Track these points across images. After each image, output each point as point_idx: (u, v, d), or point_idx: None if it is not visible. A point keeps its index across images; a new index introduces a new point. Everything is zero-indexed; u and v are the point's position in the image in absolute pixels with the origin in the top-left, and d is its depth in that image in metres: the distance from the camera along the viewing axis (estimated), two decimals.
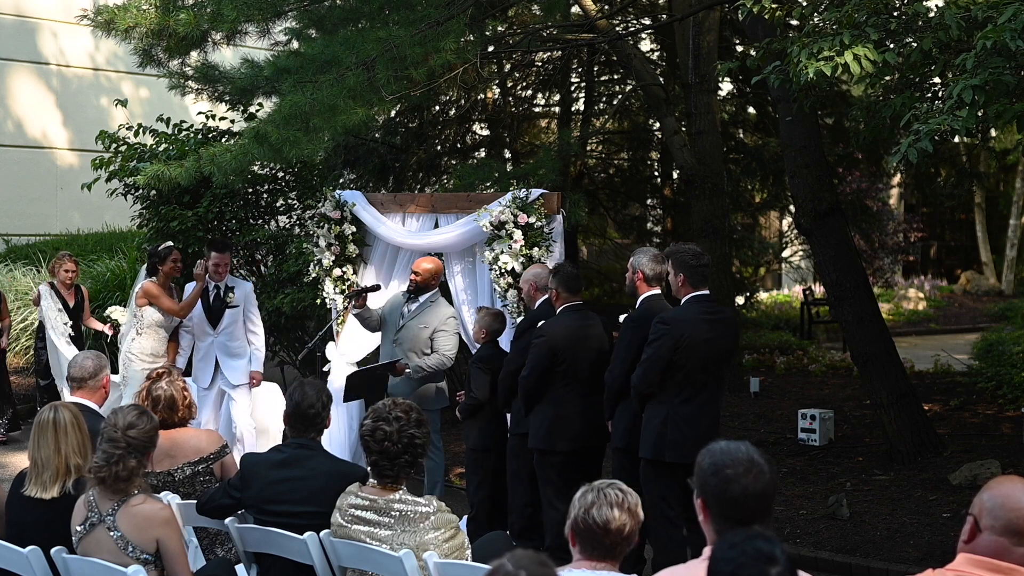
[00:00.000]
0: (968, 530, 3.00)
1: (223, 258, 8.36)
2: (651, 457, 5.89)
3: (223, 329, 8.37)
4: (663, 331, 5.83)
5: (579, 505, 3.28)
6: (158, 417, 5.15)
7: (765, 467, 2.99)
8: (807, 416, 9.80)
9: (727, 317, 6.30)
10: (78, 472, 4.59)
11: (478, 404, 7.06)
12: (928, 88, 6.87)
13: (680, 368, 5.82)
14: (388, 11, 8.37)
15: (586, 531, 3.26)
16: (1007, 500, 2.96)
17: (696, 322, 5.85)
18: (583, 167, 15.11)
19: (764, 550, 2.52)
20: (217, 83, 9.85)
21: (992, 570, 2.92)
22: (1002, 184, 24.79)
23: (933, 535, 7.15)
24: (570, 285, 6.55)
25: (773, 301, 20.59)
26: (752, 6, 6.53)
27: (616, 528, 3.25)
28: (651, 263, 6.23)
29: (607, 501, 3.27)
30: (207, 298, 8.36)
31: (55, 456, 4.57)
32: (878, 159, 14.33)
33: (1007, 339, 12.78)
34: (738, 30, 12.82)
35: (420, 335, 7.63)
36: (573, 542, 3.30)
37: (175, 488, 5.21)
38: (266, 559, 4.76)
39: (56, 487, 4.57)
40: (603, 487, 3.31)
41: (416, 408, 4.44)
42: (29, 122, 16.01)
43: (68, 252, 10.54)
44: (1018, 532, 2.93)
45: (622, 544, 3.28)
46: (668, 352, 5.80)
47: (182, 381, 5.45)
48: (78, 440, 4.62)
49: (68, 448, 4.58)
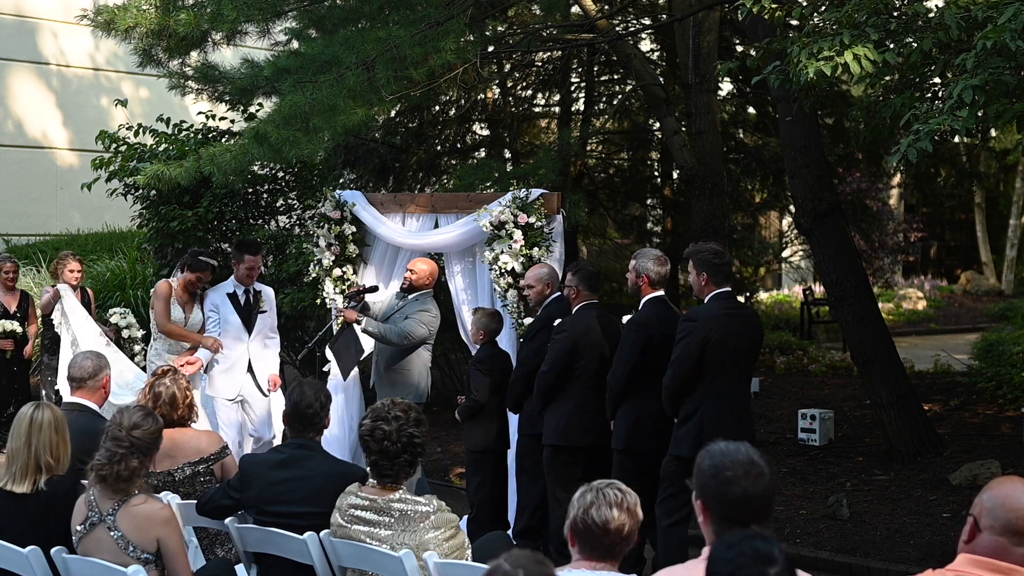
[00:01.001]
0: (968, 530, 3.00)
1: (256, 260, 8.06)
2: (689, 455, 5.88)
3: (255, 335, 8.10)
4: (690, 328, 5.86)
5: (578, 505, 3.27)
6: (159, 413, 5.17)
7: (765, 468, 2.99)
8: (807, 416, 9.80)
9: (750, 312, 6.38)
10: (49, 471, 4.59)
11: (478, 406, 7.07)
12: (928, 88, 6.86)
13: (709, 365, 5.84)
14: (388, 11, 8.37)
15: (585, 531, 3.25)
16: (1007, 500, 2.96)
17: (721, 318, 5.88)
18: (583, 167, 15.10)
19: (762, 550, 2.52)
20: (217, 83, 9.85)
21: (992, 570, 2.92)
22: (1002, 184, 24.79)
23: (933, 535, 7.15)
24: (591, 283, 6.63)
25: (773, 301, 20.59)
26: (752, 6, 6.53)
27: (615, 528, 3.24)
28: (655, 266, 6.25)
29: (606, 501, 3.26)
30: (237, 302, 8.04)
31: (24, 450, 4.58)
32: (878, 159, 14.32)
33: (1007, 339, 12.78)
34: (738, 30, 12.82)
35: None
36: (572, 542, 3.29)
37: (175, 488, 5.22)
38: (266, 559, 4.76)
39: (27, 482, 4.58)
40: (602, 487, 3.30)
41: (415, 407, 4.45)
42: (29, 122, 16.00)
43: (71, 251, 10.04)
44: (1018, 532, 2.93)
45: (621, 544, 3.27)
46: (697, 349, 5.82)
47: (186, 380, 5.47)
48: (53, 440, 4.62)
49: (39, 444, 4.58)
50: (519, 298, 7.31)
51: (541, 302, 6.94)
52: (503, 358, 7.16)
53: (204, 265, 7.98)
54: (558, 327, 6.54)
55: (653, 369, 6.04)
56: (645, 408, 6.19)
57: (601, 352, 6.46)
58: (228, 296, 8.05)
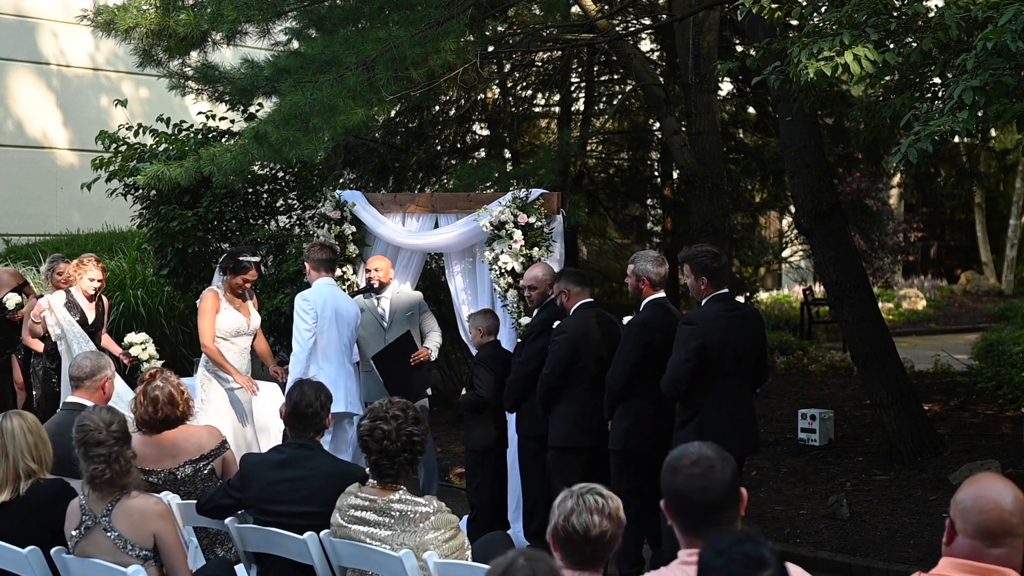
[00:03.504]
0: (947, 533, 2.99)
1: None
2: None
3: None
4: (690, 331, 5.85)
5: (559, 512, 3.17)
6: (161, 415, 5.19)
7: (717, 462, 3.00)
8: (807, 416, 9.80)
9: (750, 311, 6.37)
10: (30, 476, 4.59)
11: (482, 401, 7.07)
12: (928, 88, 6.87)
13: (709, 368, 5.83)
14: (388, 11, 8.37)
15: (567, 539, 3.15)
16: (976, 502, 2.93)
17: (720, 320, 5.88)
18: (583, 167, 15.09)
19: (753, 554, 2.49)
20: (217, 83, 9.84)
21: (972, 572, 2.90)
22: (1002, 184, 24.78)
23: (933, 535, 7.15)
24: (579, 281, 6.65)
25: (773, 301, 20.58)
26: (751, 6, 6.53)
27: (597, 535, 3.14)
28: (655, 267, 6.25)
29: (587, 507, 3.15)
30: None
31: (3, 460, 4.58)
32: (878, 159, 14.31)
33: (1007, 339, 12.78)
34: (738, 30, 12.80)
35: (412, 320, 7.87)
36: (555, 548, 3.19)
37: (177, 487, 5.22)
38: (266, 559, 4.76)
39: (7, 491, 4.57)
40: (583, 492, 3.19)
41: (412, 406, 4.46)
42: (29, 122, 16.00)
43: (93, 255, 8.86)
44: (990, 534, 2.89)
45: (603, 551, 3.18)
46: (695, 353, 5.80)
47: (176, 378, 5.42)
48: (29, 442, 4.62)
49: (16, 452, 4.59)
50: (519, 298, 7.31)
51: (543, 303, 6.95)
52: (506, 358, 7.16)
53: (246, 266, 7.43)
54: (558, 328, 6.54)
55: (653, 371, 6.03)
56: (644, 409, 6.18)
57: (600, 352, 6.46)
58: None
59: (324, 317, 7.30)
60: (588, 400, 6.46)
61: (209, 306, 7.38)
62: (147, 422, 5.26)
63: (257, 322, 7.69)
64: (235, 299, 7.50)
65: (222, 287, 7.48)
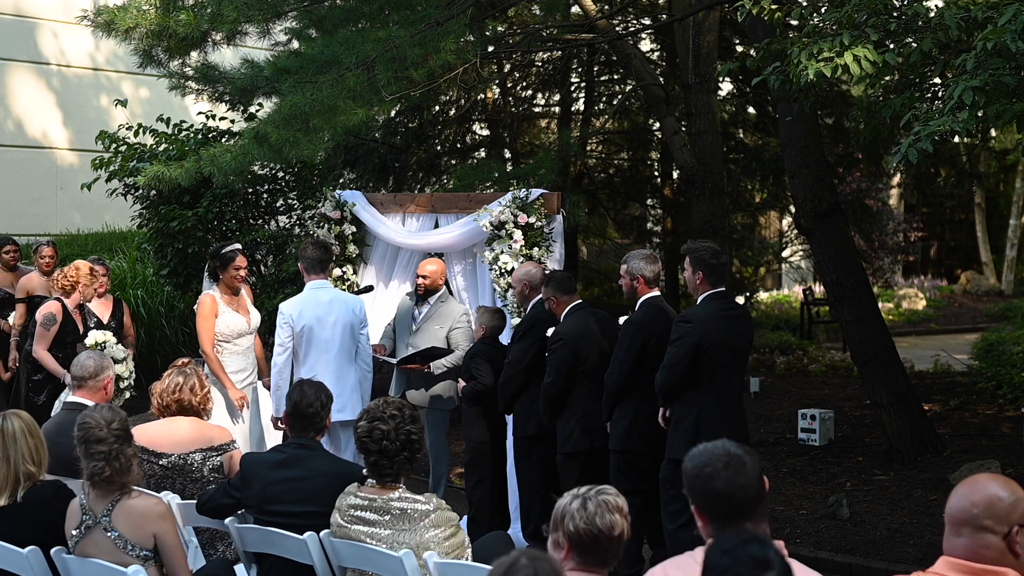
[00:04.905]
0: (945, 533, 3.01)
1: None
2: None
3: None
4: (686, 330, 5.85)
5: (577, 516, 3.15)
6: (180, 398, 5.39)
7: (745, 458, 3.00)
8: (807, 416, 9.80)
9: (744, 312, 6.38)
10: (29, 479, 4.57)
11: (485, 389, 7.07)
12: (928, 88, 6.87)
13: (705, 366, 5.83)
14: (388, 11, 8.37)
15: (592, 541, 3.14)
16: (954, 492, 2.98)
17: (716, 318, 5.89)
18: (583, 167, 15.10)
19: (759, 555, 2.49)
20: (217, 83, 9.84)
21: (967, 572, 2.91)
22: (1002, 184, 24.77)
23: (933, 535, 7.14)
24: (566, 287, 6.63)
25: (773, 301, 20.58)
26: (751, 7, 6.53)
27: (619, 533, 3.18)
28: (647, 264, 6.27)
29: (608, 507, 3.17)
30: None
31: (3, 465, 4.55)
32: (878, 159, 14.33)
33: (1007, 339, 12.77)
34: (738, 30, 12.81)
35: (437, 335, 7.71)
36: (567, 552, 3.17)
37: (185, 473, 5.27)
38: (266, 559, 4.77)
39: (5, 495, 4.55)
40: (599, 494, 3.20)
41: (408, 405, 4.50)
42: (29, 122, 15.99)
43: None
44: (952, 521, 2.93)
45: (616, 549, 3.20)
46: (692, 351, 5.81)
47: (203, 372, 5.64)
48: (30, 445, 4.60)
49: (17, 456, 4.56)
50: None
51: (523, 303, 6.96)
52: (500, 350, 7.16)
53: (231, 255, 7.29)
54: (554, 336, 6.52)
55: (651, 370, 6.04)
56: (642, 409, 6.19)
57: (601, 350, 6.45)
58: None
59: (305, 326, 7.07)
60: (594, 404, 6.44)
61: (208, 311, 7.27)
62: (165, 404, 5.42)
63: (257, 320, 7.62)
64: (232, 300, 7.42)
65: (217, 290, 7.41)
